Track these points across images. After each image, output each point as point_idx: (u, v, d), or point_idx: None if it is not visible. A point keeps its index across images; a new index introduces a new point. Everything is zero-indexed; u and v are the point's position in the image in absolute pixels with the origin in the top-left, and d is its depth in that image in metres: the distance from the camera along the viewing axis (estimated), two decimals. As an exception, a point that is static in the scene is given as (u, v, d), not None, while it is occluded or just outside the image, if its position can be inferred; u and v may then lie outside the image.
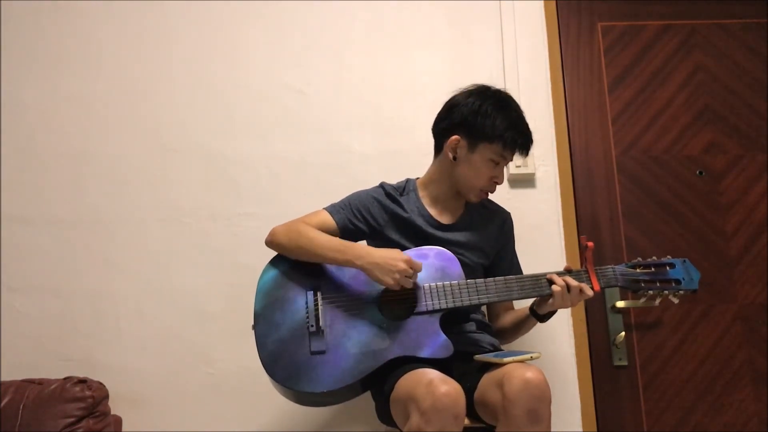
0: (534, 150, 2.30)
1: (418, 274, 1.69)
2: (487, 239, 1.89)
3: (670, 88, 2.44)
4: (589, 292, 1.68)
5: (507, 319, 1.91)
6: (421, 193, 1.89)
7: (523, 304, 1.87)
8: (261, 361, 1.65)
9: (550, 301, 1.70)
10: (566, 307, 1.71)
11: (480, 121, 1.77)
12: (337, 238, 1.74)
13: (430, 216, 1.85)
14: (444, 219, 1.87)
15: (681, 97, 2.44)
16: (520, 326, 1.86)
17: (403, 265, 1.62)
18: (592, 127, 2.41)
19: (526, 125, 1.82)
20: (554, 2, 2.50)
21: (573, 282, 1.68)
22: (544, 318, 1.78)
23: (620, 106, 2.43)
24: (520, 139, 1.78)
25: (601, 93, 2.44)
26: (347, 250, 1.68)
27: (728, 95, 2.45)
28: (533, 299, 1.78)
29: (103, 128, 2.34)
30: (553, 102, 2.40)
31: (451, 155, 1.82)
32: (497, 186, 1.85)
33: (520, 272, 1.93)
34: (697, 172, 2.38)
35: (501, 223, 1.94)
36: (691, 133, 2.41)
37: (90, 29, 2.42)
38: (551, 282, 1.70)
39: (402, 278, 1.62)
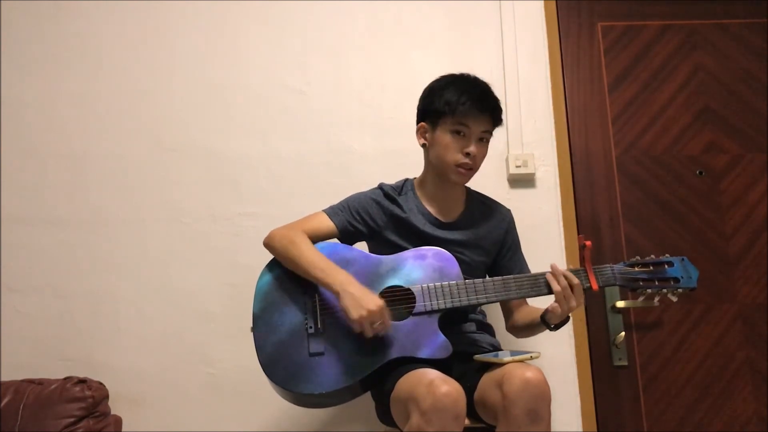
0: (534, 150, 2.34)
1: (417, 274, 1.70)
2: (487, 237, 1.88)
3: (670, 88, 2.44)
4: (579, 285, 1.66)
5: (519, 319, 1.89)
6: (419, 192, 1.89)
7: (535, 303, 1.85)
8: (260, 363, 1.65)
9: (554, 304, 1.67)
10: (570, 306, 1.66)
11: (432, 100, 1.80)
12: (326, 258, 1.70)
13: (430, 214, 1.85)
14: (444, 217, 1.86)
15: (681, 97, 2.44)
16: (532, 329, 1.84)
17: (374, 308, 1.58)
18: (592, 127, 2.41)
19: (483, 90, 1.79)
20: (554, 2, 2.50)
21: (571, 275, 1.66)
22: (555, 327, 1.73)
23: (620, 106, 2.43)
24: (469, 101, 1.74)
25: (601, 93, 2.44)
26: (330, 272, 1.66)
27: (728, 95, 2.44)
28: (545, 306, 1.75)
29: (103, 128, 2.34)
30: (553, 102, 2.40)
31: (420, 143, 1.85)
32: (476, 165, 1.79)
33: (528, 270, 1.93)
34: (697, 172, 2.38)
35: (502, 220, 1.93)
36: (691, 133, 2.41)
37: (90, 29, 2.42)
38: (549, 287, 1.67)
39: (367, 319, 1.58)
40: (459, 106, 1.74)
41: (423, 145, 1.85)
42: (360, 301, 1.59)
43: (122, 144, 2.33)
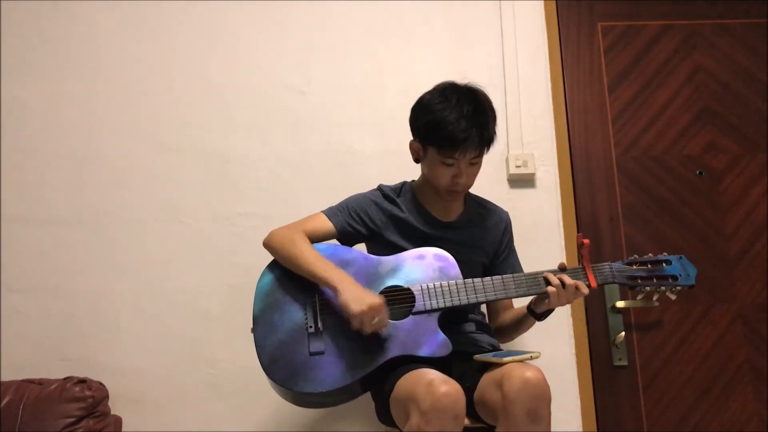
0: (534, 150, 2.34)
1: (417, 274, 1.70)
2: (485, 238, 1.88)
3: (670, 88, 2.44)
4: (585, 290, 1.67)
5: (506, 318, 1.91)
6: (418, 194, 1.89)
7: (521, 303, 1.86)
8: (261, 363, 1.65)
9: (546, 300, 1.70)
10: (563, 305, 1.71)
11: (415, 125, 1.78)
12: (324, 258, 1.70)
13: (429, 214, 1.85)
14: (443, 217, 1.86)
15: (681, 97, 2.44)
16: (519, 325, 1.86)
17: (374, 304, 1.58)
18: (592, 127, 2.41)
19: (468, 119, 1.67)
20: (554, 2, 2.50)
21: (568, 280, 1.67)
22: (541, 316, 1.78)
23: (620, 106, 2.43)
24: (454, 134, 1.66)
25: (601, 93, 2.44)
26: (331, 270, 1.66)
27: (728, 95, 2.45)
28: (531, 298, 1.78)
29: (103, 128, 2.34)
30: (553, 102, 2.40)
31: (414, 158, 1.85)
32: (468, 185, 1.77)
33: (522, 271, 1.93)
34: (697, 172, 2.38)
35: (499, 221, 1.93)
36: (691, 133, 2.41)
37: (90, 29, 2.42)
38: (547, 281, 1.69)
39: (367, 314, 1.57)
40: (444, 142, 1.68)
41: (416, 160, 1.84)
42: (360, 296, 1.59)
43: (122, 144, 2.33)
